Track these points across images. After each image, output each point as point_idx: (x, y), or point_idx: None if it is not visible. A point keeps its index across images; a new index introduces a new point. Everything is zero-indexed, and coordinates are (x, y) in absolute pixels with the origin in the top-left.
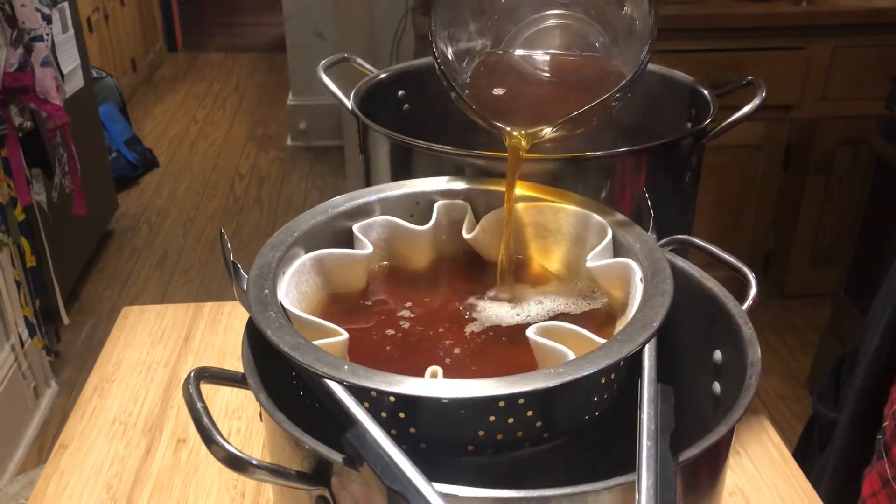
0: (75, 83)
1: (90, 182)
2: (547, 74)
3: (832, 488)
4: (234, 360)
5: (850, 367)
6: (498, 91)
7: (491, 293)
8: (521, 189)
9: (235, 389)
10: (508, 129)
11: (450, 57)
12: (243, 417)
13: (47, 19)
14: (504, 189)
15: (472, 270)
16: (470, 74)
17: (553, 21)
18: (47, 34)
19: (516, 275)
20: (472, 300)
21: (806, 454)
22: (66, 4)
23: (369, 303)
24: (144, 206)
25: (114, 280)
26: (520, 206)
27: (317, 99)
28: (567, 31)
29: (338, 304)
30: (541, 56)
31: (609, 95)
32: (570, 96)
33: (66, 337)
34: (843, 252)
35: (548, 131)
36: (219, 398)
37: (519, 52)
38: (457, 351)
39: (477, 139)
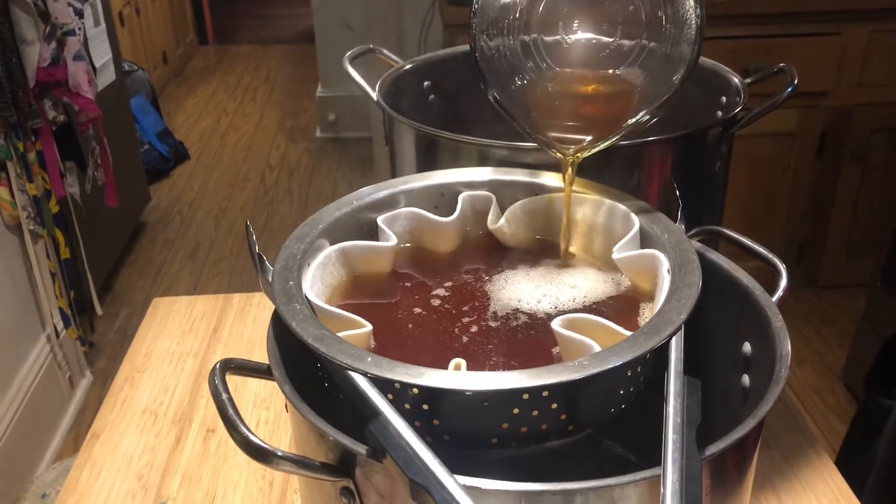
0: (107, 77)
1: (122, 174)
2: (592, 83)
3: (879, 479)
4: (262, 351)
5: None
6: (547, 107)
7: (517, 279)
8: (550, 179)
9: (265, 380)
10: (566, 148)
11: (490, 60)
12: (272, 408)
13: (79, 14)
14: (529, 179)
15: (498, 260)
16: (516, 91)
17: None
18: (79, 29)
19: (545, 264)
20: (497, 290)
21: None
22: None
23: (393, 291)
24: (176, 198)
25: (146, 271)
26: (547, 196)
27: (346, 90)
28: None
29: (362, 292)
30: (583, 59)
31: (662, 103)
32: (620, 107)
33: (100, 327)
34: (879, 241)
35: (603, 145)
36: (248, 389)
37: (555, 37)
38: (481, 339)
39: (502, 130)
